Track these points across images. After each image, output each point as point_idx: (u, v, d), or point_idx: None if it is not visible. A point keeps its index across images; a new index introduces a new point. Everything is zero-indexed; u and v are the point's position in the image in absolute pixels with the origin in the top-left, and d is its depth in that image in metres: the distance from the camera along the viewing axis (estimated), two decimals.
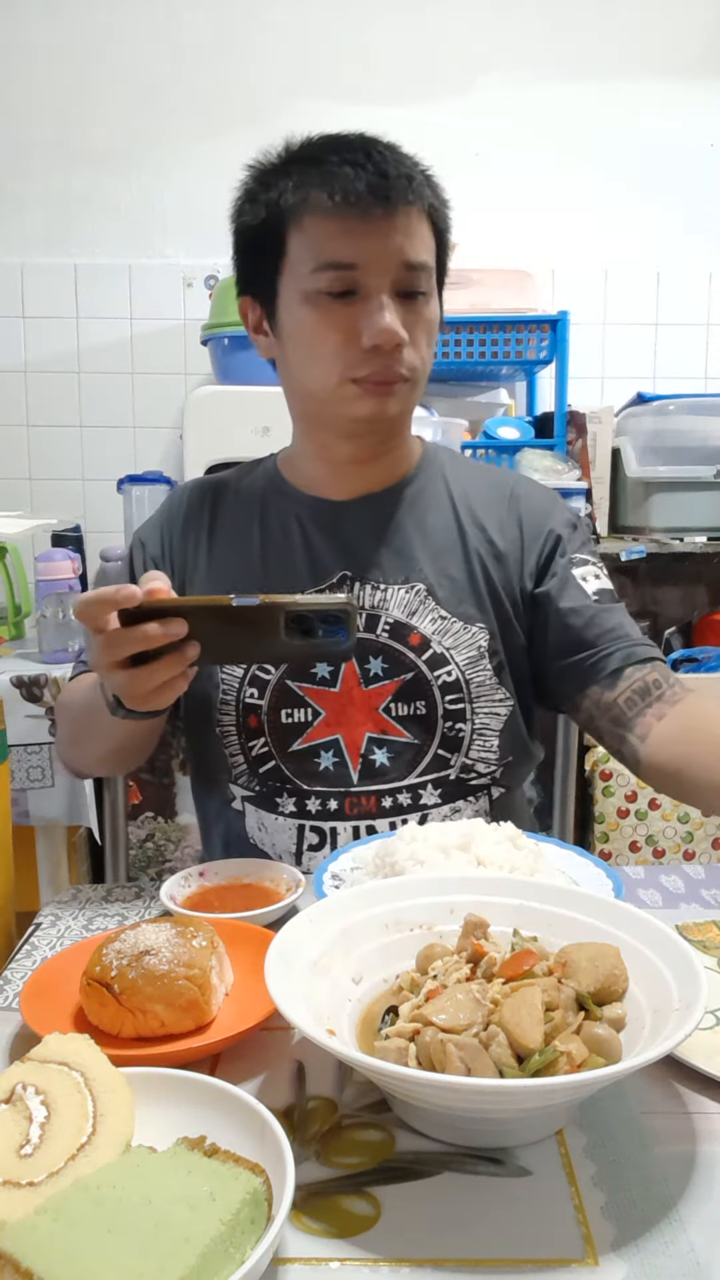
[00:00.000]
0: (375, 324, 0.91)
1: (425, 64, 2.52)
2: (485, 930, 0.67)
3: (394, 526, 1.05)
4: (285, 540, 1.06)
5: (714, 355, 2.64)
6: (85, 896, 0.95)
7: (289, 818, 1.02)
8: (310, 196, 0.92)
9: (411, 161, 0.96)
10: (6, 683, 1.79)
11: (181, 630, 0.76)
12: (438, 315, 1.00)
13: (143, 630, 0.76)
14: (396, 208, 0.91)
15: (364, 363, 0.93)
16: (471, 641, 1.02)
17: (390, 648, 1.01)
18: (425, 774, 1.01)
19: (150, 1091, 0.57)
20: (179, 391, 2.54)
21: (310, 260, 0.93)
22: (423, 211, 0.94)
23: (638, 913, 0.67)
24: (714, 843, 2.14)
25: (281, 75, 2.50)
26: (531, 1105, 0.55)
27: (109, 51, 2.49)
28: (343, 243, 0.92)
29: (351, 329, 0.93)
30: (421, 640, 1.01)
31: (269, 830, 1.04)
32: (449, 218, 1.01)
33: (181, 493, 1.14)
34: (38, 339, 2.56)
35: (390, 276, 0.92)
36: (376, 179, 0.90)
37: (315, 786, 1.01)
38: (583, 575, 1.05)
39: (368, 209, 0.90)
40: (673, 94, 2.56)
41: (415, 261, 0.93)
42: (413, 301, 0.94)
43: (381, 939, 0.70)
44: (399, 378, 0.94)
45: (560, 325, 2.24)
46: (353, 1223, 0.52)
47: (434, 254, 0.97)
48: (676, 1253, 0.49)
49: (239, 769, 1.04)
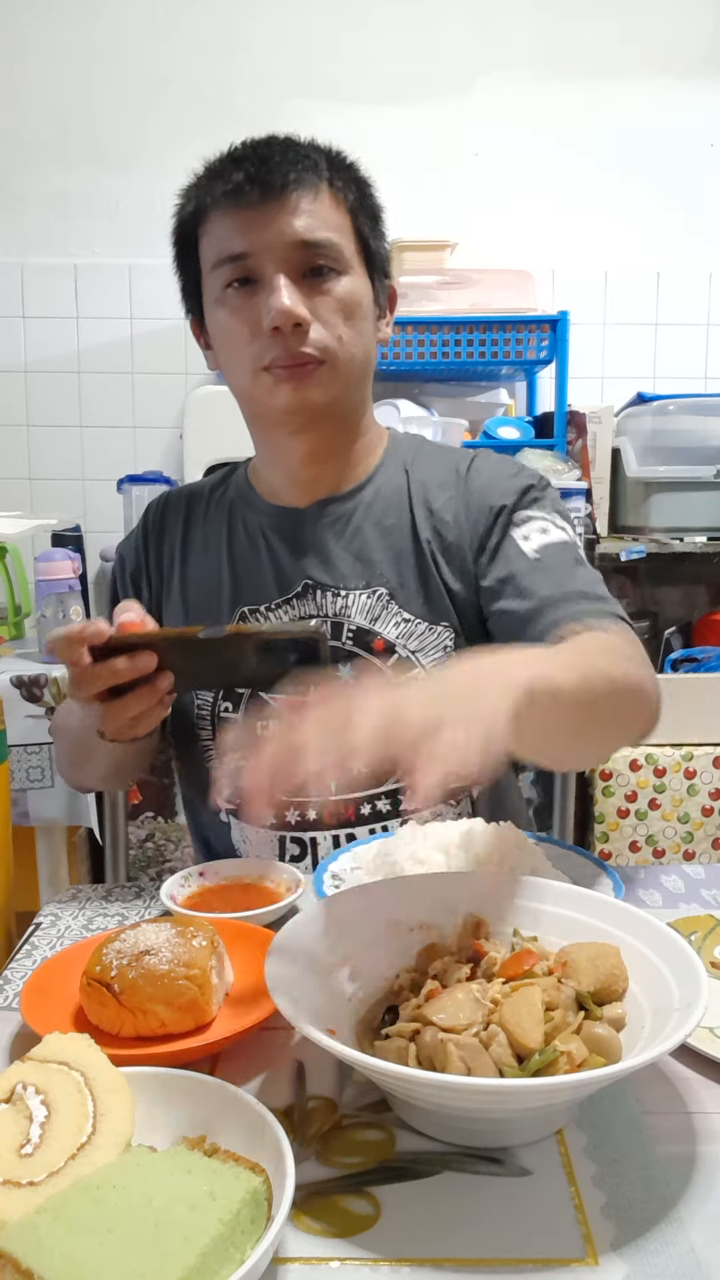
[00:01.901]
0: (271, 306, 0.91)
1: (425, 64, 2.51)
2: (485, 930, 0.67)
3: (353, 530, 1.02)
4: (253, 551, 1.05)
5: (714, 355, 2.64)
6: (85, 896, 0.95)
7: (269, 829, 1.02)
8: (204, 201, 0.95)
9: (312, 147, 0.96)
10: (6, 683, 1.79)
11: (150, 664, 0.78)
12: (361, 293, 0.97)
13: (111, 666, 0.78)
14: (280, 191, 0.92)
15: (269, 349, 0.92)
16: (437, 642, 0.99)
17: (356, 654, 1.00)
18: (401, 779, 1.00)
19: (150, 1091, 0.57)
20: (179, 391, 2.54)
21: (212, 259, 0.95)
22: (321, 191, 0.94)
23: (638, 913, 0.67)
24: (714, 843, 2.14)
25: (281, 75, 2.50)
26: (531, 1105, 0.55)
27: (109, 51, 2.49)
28: (233, 235, 0.93)
29: (255, 318, 0.93)
30: (386, 645, 0.99)
31: (252, 843, 1.04)
32: (372, 197, 1.00)
33: (156, 506, 1.14)
34: (38, 339, 2.56)
35: (283, 258, 0.92)
36: (256, 167, 0.92)
37: (293, 798, 1.00)
38: (524, 534, 0.98)
39: (249, 197, 0.92)
40: (673, 94, 2.55)
41: (312, 239, 0.92)
42: (319, 281, 0.93)
43: (381, 939, 0.70)
44: (308, 359, 0.92)
45: (560, 325, 2.24)
46: (353, 1222, 0.52)
47: (349, 231, 0.96)
48: (676, 1253, 0.49)
49: None
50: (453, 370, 2.33)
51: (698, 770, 2.11)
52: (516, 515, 0.99)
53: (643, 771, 2.10)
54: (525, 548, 0.97)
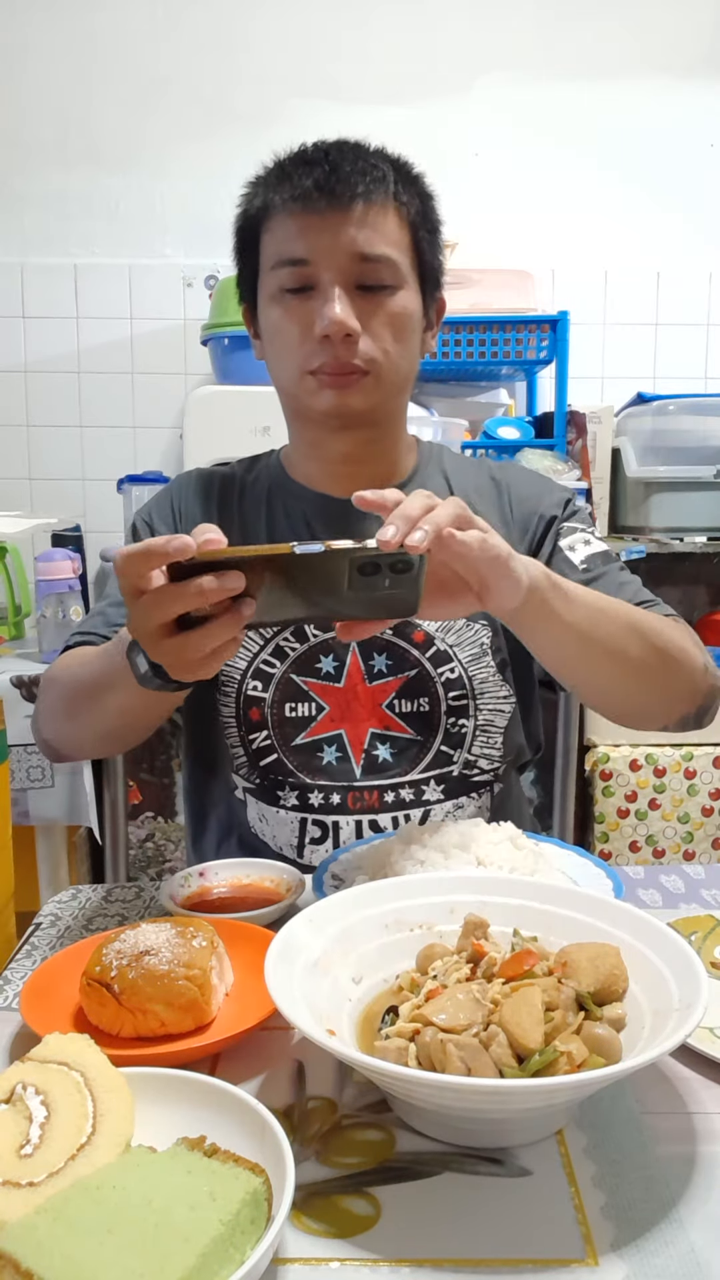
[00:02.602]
0: (324, 315, 0.93)
1: (424, 64, 2.51)
2: (485, 930, 0.67)
3: None
4: (294, 535, 1.05)
5: (714, 355, 2.64)
6: (85, 896, 0.95)
7: (291, 811, 1.03)
8: (272, 199, 0.96)
9: (381, 157, 0.97)
10: (6, 683, 1.79)
11: (240, 584, 0.67)
12: (413, 309, 0.99)
13: (198, 584, 0.66)
14: (347, 201, 0.92)
15: (317, 354, 0.95)
16: (474, 639, 1.03)
17: (394, 645, 1.02)
18: (428, 770, 1.03)
19: (150, 1091, 0.57)
20: (179, 391, 2.54)
21: (272, 259, 0.96)
22: (386, 205, 0.95)
23: (638, 913, 0.67)
24: (714, 843, 2.15)
25: (281, 75, 2.50)
26: (531, 1105, 0.55)
27: (109, 51, 2.49)
28: (296, 239, 0.94)
29: (307, 322, 0.95)
30: (425, 638, 1.02)
31: (270, 823, 1.04)
32: (434, 211, 1.01)
33: (187, 480, 1.13)
34: (38, 339, 2.56)
35: (342, 269, 0.94)
36: (326, 175, 0.93)
37: (318, 780, 1.02)
38: (570, 545, 1.04)
39: (316, 204, 0.93)
40: (673, 94, 2.55)
41: (371, 254, 0.94)
42: (374, 294, 0.95)
43: (381, 939, 0.70)
44: (354, 369, 0.95)
45: (560, 325, 2.24)
46: (353, 1223, 0.52)
47: (408, 247, 0.97)
48: (676, 1253, 0.49)
49: (239, 760, 1.05)
50: (453, 370, 2.33)
51: (698, 770, 2.11)
52: (563, 527, 1.05)
53: (643, 771, 2.10)
54: (573, 558, 1.03)
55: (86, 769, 1.82)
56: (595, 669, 0.90)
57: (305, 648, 1.02)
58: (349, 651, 1.01)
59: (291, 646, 1.02)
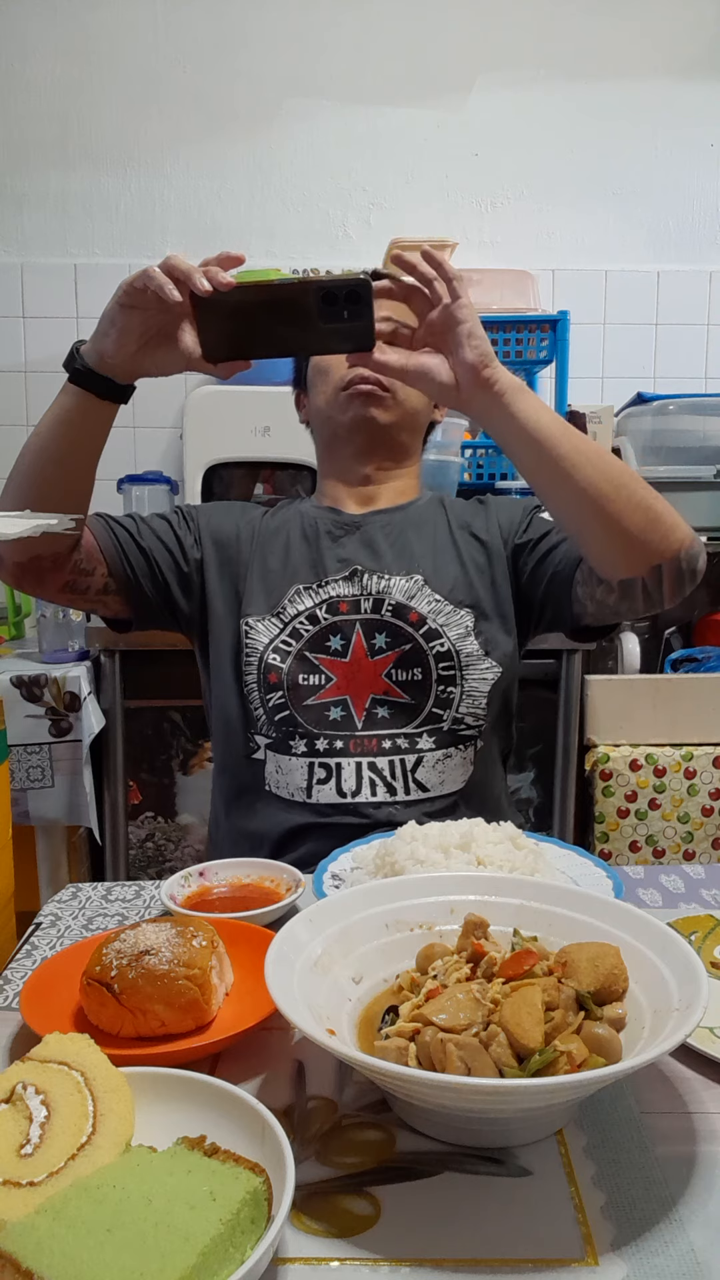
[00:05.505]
0: None
1: (425, 64, 2.51)
2: (485, 930, 0.67)
3: (398, 532, 1.26)
4: (312, 541, 1.25)
5: (714, 355, 2.64)
6: (85, 896, 0.95)
7: (301, 757, 1.16)
8: None
9: None
10: (6, 683, 1.79)
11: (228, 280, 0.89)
12: None
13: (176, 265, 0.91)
14: None
15: (350, 374, 1.20)
16: (460, 621, 1.20)
17: (393, 624, 1.18)
18: (421, 725, 1.17)
19: (150, 1091, 0.57)
20: (179, 391, 2.53)
21: None
22: None
23: (638, 913, 0.67)
24: (714, 843, 2.14)
25: (281, 75, 2.50)
26: (532, 1105, 0.55)
27: (109, 51, 2.49)
28: None
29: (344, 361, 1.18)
30: (419, 618, 1.19)
31: (284, 771, 1.17)
32: None
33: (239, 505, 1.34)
34: (38, 339, 2.56)
35: None
36: None
37: (325, 731, 1.16)
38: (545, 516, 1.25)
39: None
40: (673, 94, 2.56)
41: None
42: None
43: (381, 939, 0.70)
44: (379, 384, 1.19)
45: (560, 325, 2.24)
46: (353, 1223, 0.52)
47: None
48: (676, 1253, 0.49)
49: (259, 718, 1.18)
50: None
51: (698, 770, 2.10)
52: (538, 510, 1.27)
53: (643, 771, 2.10)
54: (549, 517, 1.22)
55: (86, 769, 1.82)
56: (564, 481, 1.00)
57: (317, 629, 1.18)
58: (354, 631, 1.18)
59: (305, 629, 1.19)
